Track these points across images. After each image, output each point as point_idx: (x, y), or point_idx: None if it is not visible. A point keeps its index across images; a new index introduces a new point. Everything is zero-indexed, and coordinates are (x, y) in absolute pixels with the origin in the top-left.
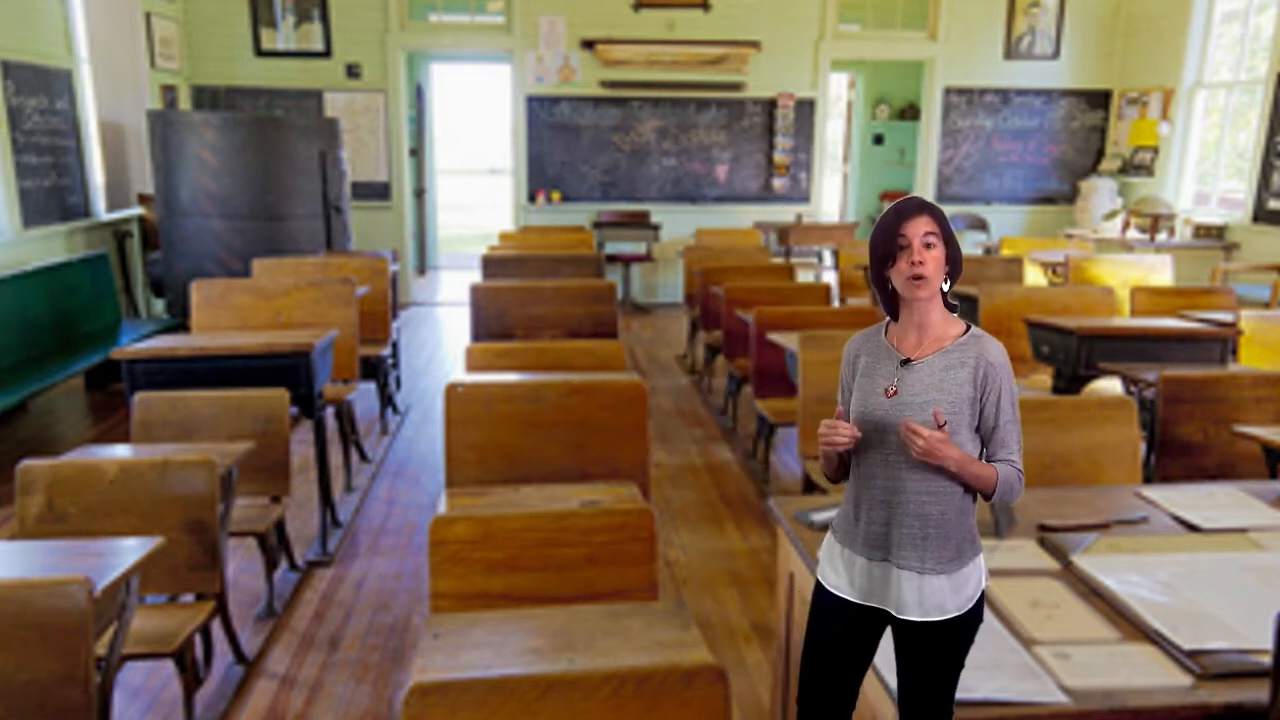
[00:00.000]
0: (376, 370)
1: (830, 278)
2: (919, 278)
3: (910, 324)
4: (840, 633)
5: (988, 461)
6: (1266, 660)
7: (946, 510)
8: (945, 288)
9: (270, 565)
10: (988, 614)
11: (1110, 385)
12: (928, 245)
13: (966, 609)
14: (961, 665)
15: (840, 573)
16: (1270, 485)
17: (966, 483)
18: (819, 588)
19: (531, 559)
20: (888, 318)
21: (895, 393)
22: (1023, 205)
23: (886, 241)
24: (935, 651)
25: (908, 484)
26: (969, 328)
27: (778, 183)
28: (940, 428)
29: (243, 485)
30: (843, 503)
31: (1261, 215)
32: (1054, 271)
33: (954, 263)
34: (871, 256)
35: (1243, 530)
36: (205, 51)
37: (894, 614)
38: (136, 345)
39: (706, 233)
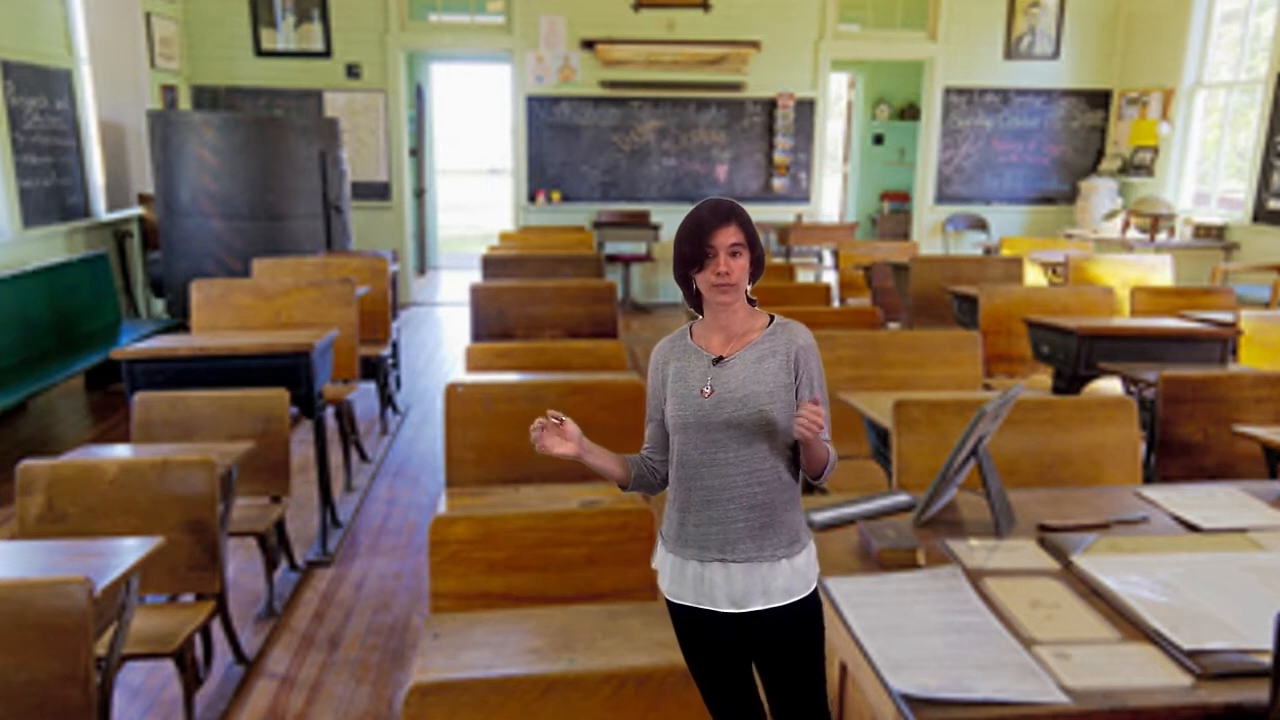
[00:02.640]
0: (376, 370)
1: (830, 278)
2: (725, 285)
3: (716, 324)
4: (690, 637)
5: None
6: (1266, 660)
7: (775, 498)
8: (748, 286)
9: (270, 565)
10: (988, 614)
11: (1110, 385)
12: (734, 254)
13: (812, 588)
14: (823, 654)
15: (674, 580)
16: (1270, 485)
17: (808, 458)
18: (668, 603)
19: (531, 559)
20: (690, 324)
21: (712, 392)
22: (1023, 205)
23: (693, 249)
24: (792, 636)
25: (735, 478)
26: (773, 318)
27: (778, 183)
28: (814, 403)
29: (243, 485)
30: (667, 512)
31: (1261, 215)
32: (1054, 271)
33: (758, 264)
34: (676, 258)
35: (1243, 530)
36: (205, 51)
37: (736, 610)
38: (136, 345)
39: None
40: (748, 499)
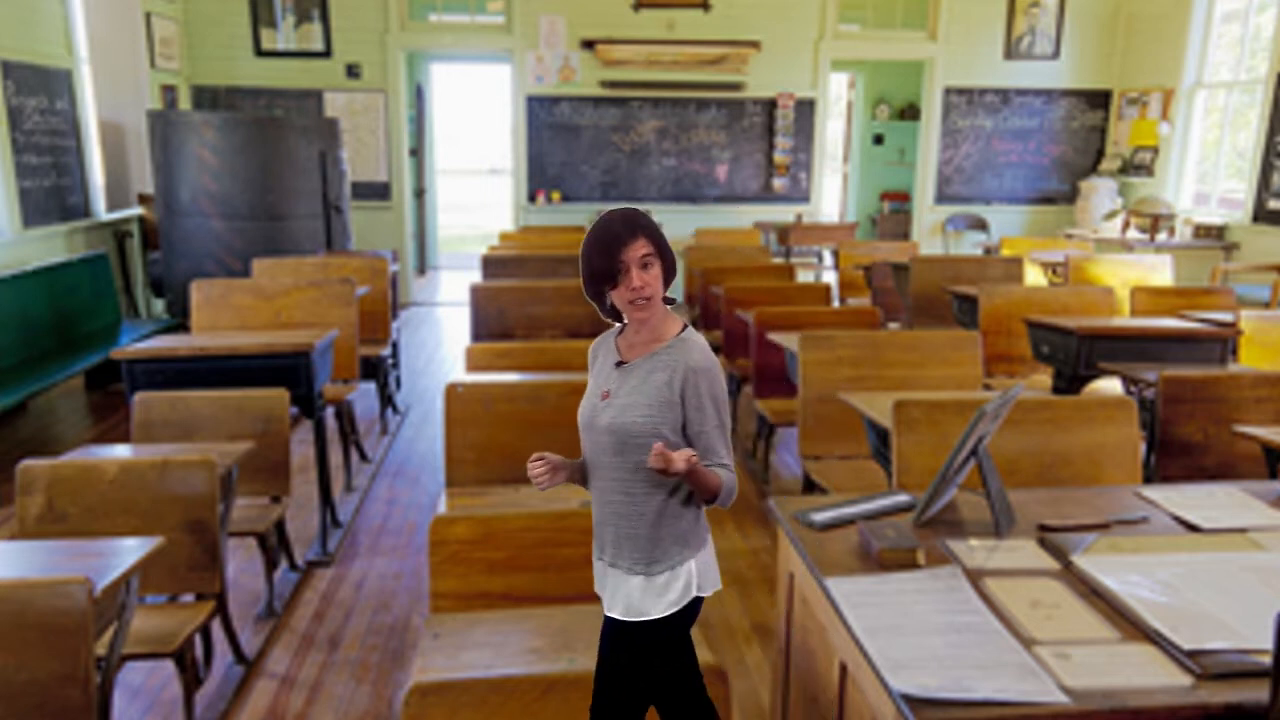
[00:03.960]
0: (376, 370)
1: (830, 278)
2: (640, 300)
3: (632, 326)
4: (619, 640)
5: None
6: (1266, 660)
7: (645, 512)
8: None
9: (270, 565)
10: (988, 614)
11: (1110, 385)
12: (645, 266)
13: (666, 614)
14: (654, 672)
15: (597, 575)
16: (1270, 485)
17: (695, 487)
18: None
19: (531, 559)
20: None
21: (609, 395)
22: (1023, 205)
23: (604, 264)
24: (625, 651)
25: (609, 484)
26: (684, 328)
27: (778, 183)
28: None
29: (243, 485)
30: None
31: (1261, 215)
32: (1054, 271)
33: (669, 271)
34: (586, 273)
35: (1243, 530)
36: (205, 51)
37: (605, 611)
38: (136, 345)
39: (706, 233)
40: (615, 506)
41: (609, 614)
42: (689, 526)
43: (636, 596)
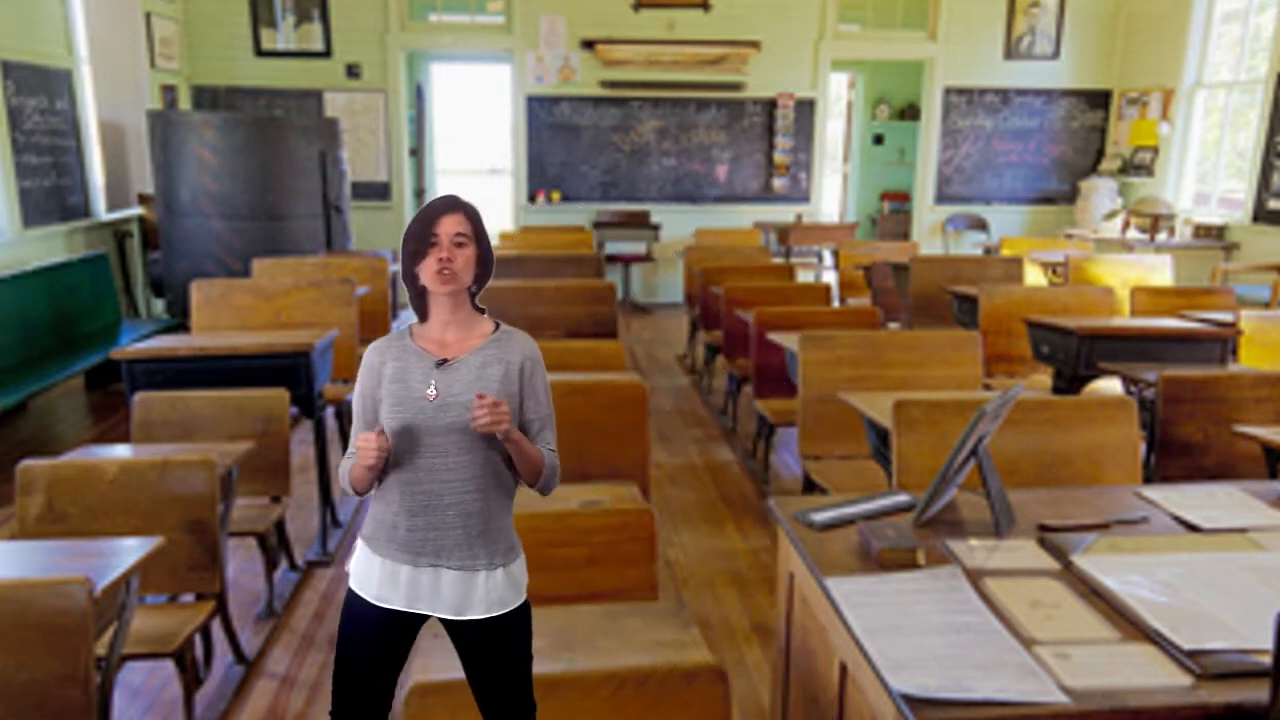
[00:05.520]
0: None
1: (830, 278)
2: (446, 273)
3: (439, 324)
4: (379, 640)
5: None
6: (1266, 660)
7: (491, 506)
8: (475, 289)
9: (270, 565)
10: (988, 614)
11: (1110, 385)
12: (458, 244)
13: (524, 599)
14: (531, 653)
15: (384, 584)
16: (1270, 485)
17: (519, 461)
18: (356, 599)
19: (531, 559)
20: (410, 324)
21: (436, 395)
22: (1023, 205)
23: (419, 238)
24: (505, 644)
25: (453, 484)
26: (498, 325)
27: (778, 183)
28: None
29: (243, 485)
30: (377, 513)
31: (1261, 215)
32: (1054, 271)
33: (484, 264)
34: (403, 252)
35: (1243, 530)
36: (205, 51)
37: (452, 617)
38: (136, 345)
39: (706, 233)
40: (466, 505)
41: (471, 617)
42: (511, 518)
43: (501, 589)
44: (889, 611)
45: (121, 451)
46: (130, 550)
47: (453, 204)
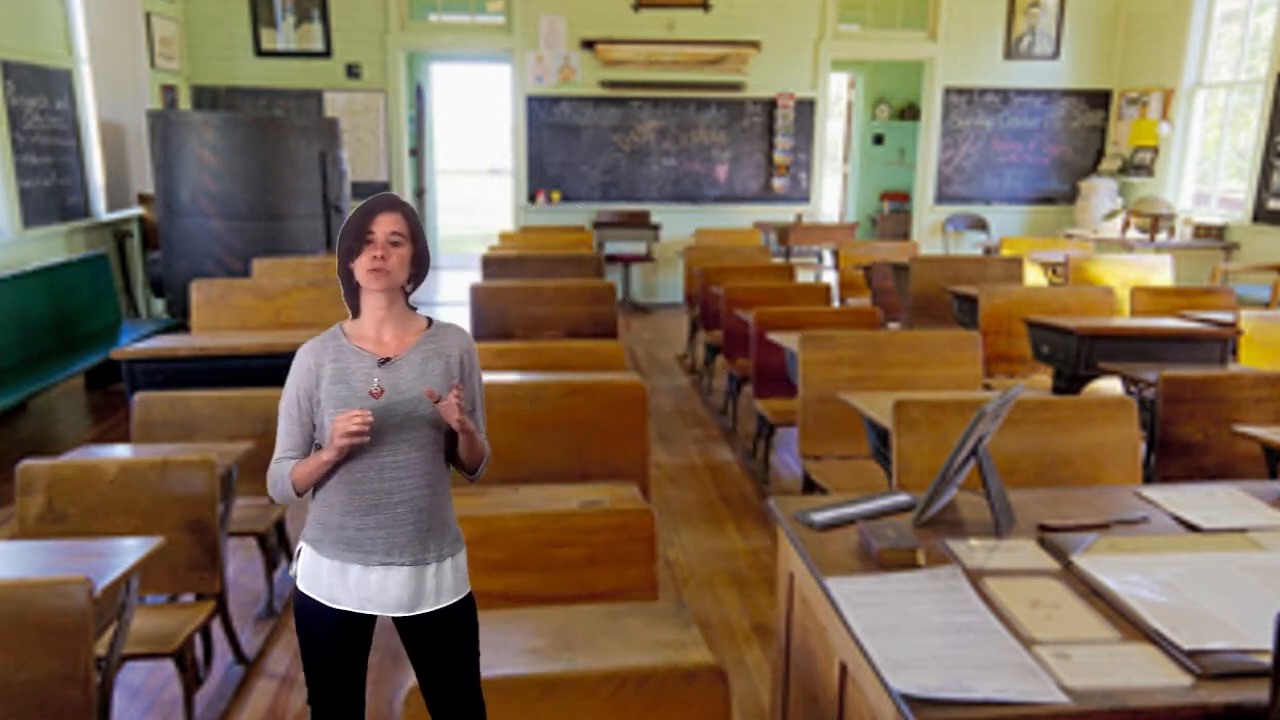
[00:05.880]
0: None
1: (830, 278)
2: (380, 271)
3: (373, 322)
4: (335, 640)
5: None
6: (1266, 660)
7: (439, 498)
8: (410, 287)
9: (270, 565)
10: (988, 614)
11: (1110, 385)
12: (394, 243)
13: (469, 589)
14: (478, 649)
15: (334, 585)
16: (1270, 485)
17: (468, 450)
18: (306, 600)
19: (531, 559)
20: (340, 325)
21: (381, 392)
22: (1023, 205)
23: (355, 235)
24: (457, 636)
25: (404, 481)
26: (431, 320)
27: (778, 183)
28: (437, 402)
29: (243, 485)
30: (320, 516)
31: (1261, 215)
32: (1054, 271)
33: (419, 263)
34: (339, 249)
35: (1243, 530)
36: (205, 51)
37: (404, 614)
38: (136, 345)
39: (706, 233)
40: (418, 501)
41: (424, 611)
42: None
43: (450, 579)
44: (889, 611)
45: (121, 451)
46: (130, 550)
47: (390, 203)
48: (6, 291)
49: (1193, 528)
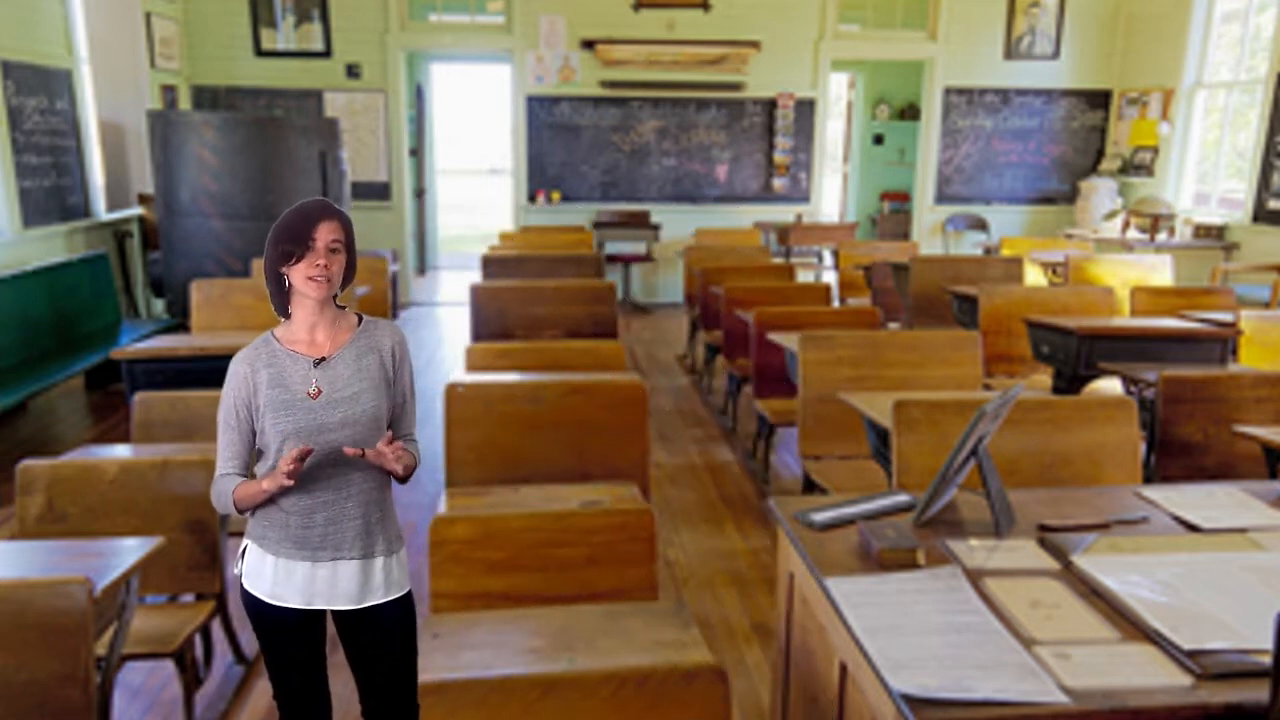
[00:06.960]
0: None
1: (830, 278)
2: (321, 279)
3: (305, 325)
4: (285, 638)
5: (395, 439)
6: (1266, 660)
7: (384, 493)
8: (339, 289)
9: None
10: (988, 614)
11: (1110, 385)
12: (333, 251)
13: (410, 585)
14: (416, 646)
15: (279, 582)
16: (1270, 485)
17: (407, 468)
18: (256, 603)
19: (531, 559)
20: (270, 331)
21: (320, 392)
22: (1023, 205)
23: (293, 241)
24: (397, 631)
25: (352, 477)
26: (361, 317)
27: (778, 183)
28: (361, 457)
29: None
30: (267, 514)
31: (1261, 215)
32: (1054, 271)
33: (351, 268)
34: (274, 254)
35: (1243, 530)
36: (205, 51)
37: (349, 608)
38: (136, 345)
39: (706, 233)
40: (364, 495)
41: (370, 604)
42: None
43: (395, 573)
44: (889, 611)
45: (121, 451)
46: (130, 550)
47: (328, 210)
48: (6, 291)
49: (1193, 528)
